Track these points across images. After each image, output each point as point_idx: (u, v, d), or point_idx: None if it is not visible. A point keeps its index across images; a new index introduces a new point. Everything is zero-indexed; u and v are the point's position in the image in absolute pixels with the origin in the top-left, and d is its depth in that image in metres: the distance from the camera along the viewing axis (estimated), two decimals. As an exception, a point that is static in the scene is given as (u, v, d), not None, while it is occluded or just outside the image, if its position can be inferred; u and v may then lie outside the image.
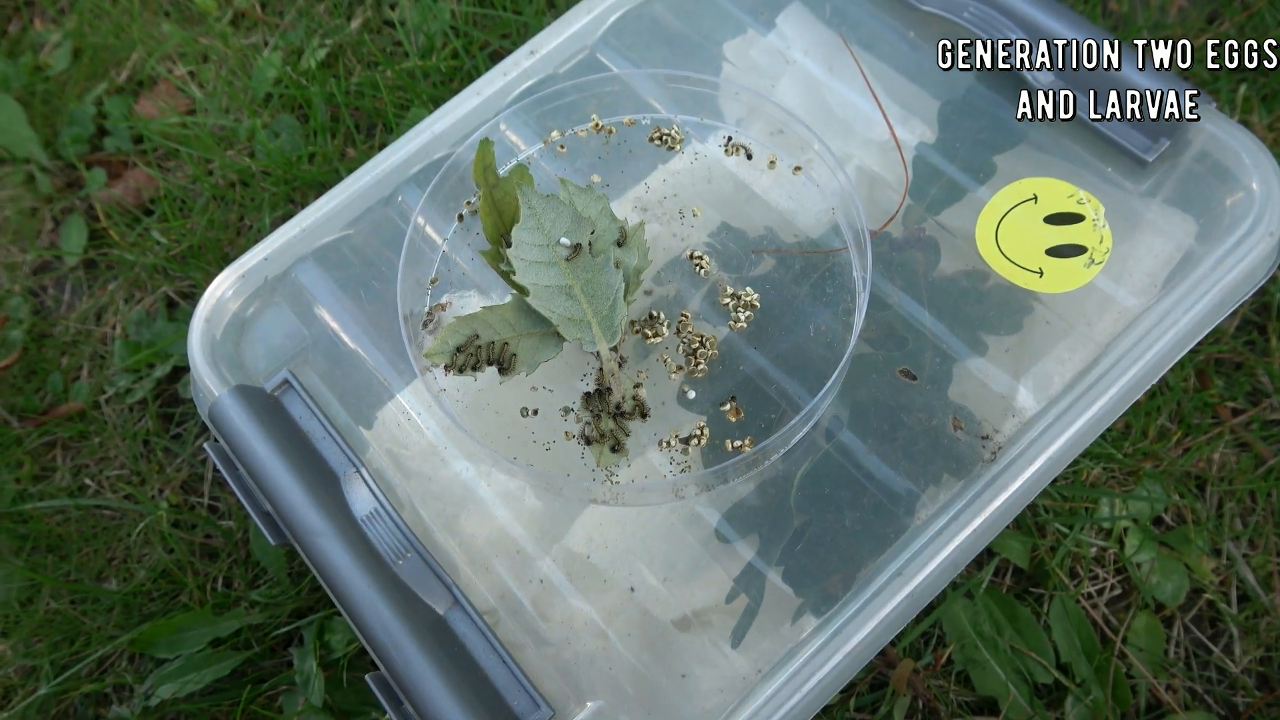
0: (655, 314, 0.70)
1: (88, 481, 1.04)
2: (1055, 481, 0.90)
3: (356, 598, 0.63)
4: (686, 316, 0.70)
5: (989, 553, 0.88)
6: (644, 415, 0.67)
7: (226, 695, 0.88)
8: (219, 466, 0.70)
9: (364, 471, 0.69)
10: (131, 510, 1.00)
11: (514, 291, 0.67)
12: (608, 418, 0.66)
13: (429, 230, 0.75)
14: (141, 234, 1.15)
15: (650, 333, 0.69)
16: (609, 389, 0.66)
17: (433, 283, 0.74)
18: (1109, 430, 0.92)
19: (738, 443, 0.66)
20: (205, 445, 0.70)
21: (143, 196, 1.19)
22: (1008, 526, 0.89)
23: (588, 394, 0.67)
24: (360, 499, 0.68)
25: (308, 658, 0.88)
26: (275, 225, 1.04)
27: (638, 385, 0.67)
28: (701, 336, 0.69)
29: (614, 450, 0.65)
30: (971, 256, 0.71)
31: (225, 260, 1.07)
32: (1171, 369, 0.94)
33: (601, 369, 0.67)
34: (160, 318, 1.11)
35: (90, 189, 1.20)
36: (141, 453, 1.04)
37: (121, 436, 1.05)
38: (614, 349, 0.66)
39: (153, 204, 1.18)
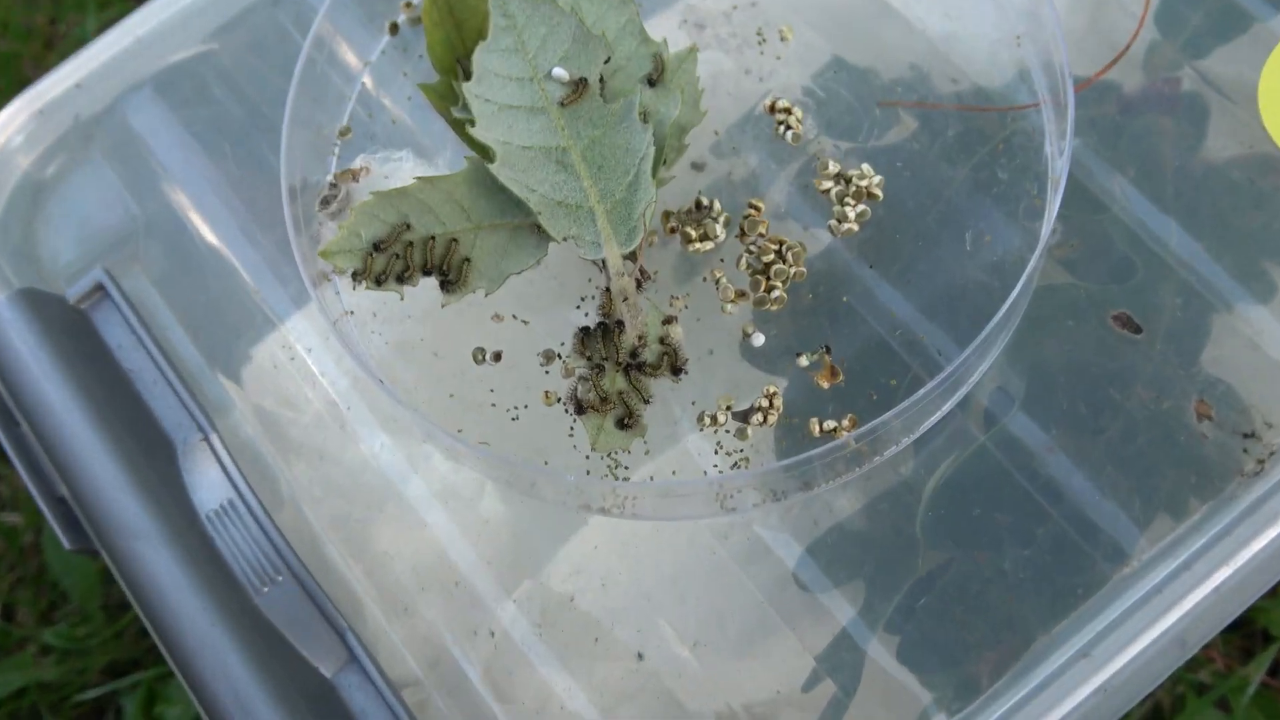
0: (706, 203, 0.70)
1: None
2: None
3: (191, 642, 0.64)
4: (758, 209, 0.70)
5: (1265, 637, 0.88)
6: (676, 370, 0.66)
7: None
8: (-14, 420, 0.72)
9: (214, 439, 0.70)
10: None
11: (471, 155, 0.67)
12: (615, 371, 0.66)
13: (341, 47, 0.75)
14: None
15: (696, 234, 0.69)
16: (620, 323, 0.66)
17: (342, 135, 0.74)
18: None
19: (830, 424, 0.65)
20: (-33, 385, 0.72)
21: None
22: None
23: (586, 330, 0.67)
24: (207, 482, 0.69)
25: (128, 741, 0.91)
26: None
27: (669, 320, 0.67)
28: (782, 244, 0.68)
29: (623, 426, 0.65)
30: (1253, 130, 0.70)
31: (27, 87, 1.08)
32: None
33: (609, 291, 0.67)
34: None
35: None
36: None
37: None
38: (632, 258, 0.66)
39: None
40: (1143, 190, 0.70)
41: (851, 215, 0.69)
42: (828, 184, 0.70)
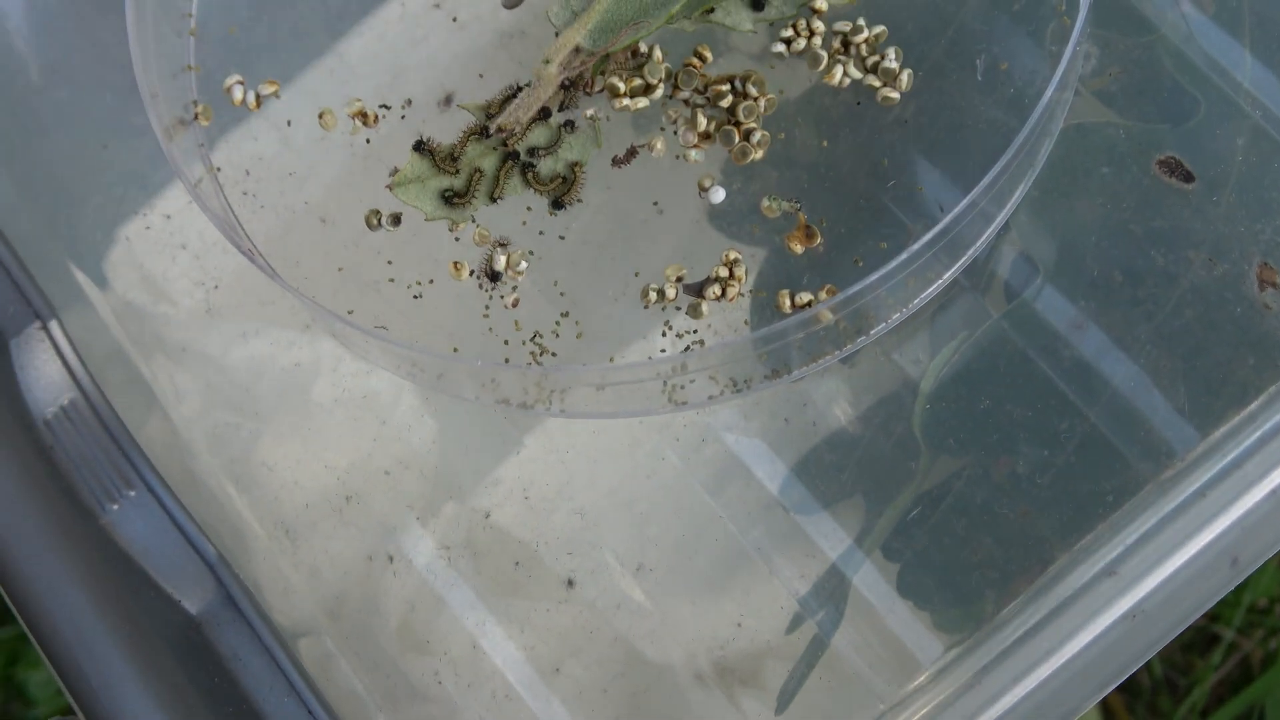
0: (644, 50, 0.70)
1: None
2: None
3: (25, 571, 0.65)
4: (703, 60, 0.70)
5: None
6: (558, 203, 0.68)
7: None
8: None
9: (54, 328, 0.71)
10: None
11: None
12: (488, 147, 0.67)
13: None
14: None
15: (626, 86, 0.69)
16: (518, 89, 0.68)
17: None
18: None
19: (805, 297, 0.66)
20: None
21: None
22: None
23: (517, 89, 0.68)
24: (44, 380, 0.70)
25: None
26: None
27: (620, 162, 0.68)
28: (733, 79, 0.68)
29: (448, 200, 0.67)
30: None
31: None
32: None
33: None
34: None
35: None
36: None
37: None
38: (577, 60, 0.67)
39: None
40: (1206, 8, 0.69)
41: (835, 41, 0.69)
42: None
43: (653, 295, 0.67)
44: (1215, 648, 1.01)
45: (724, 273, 0.67)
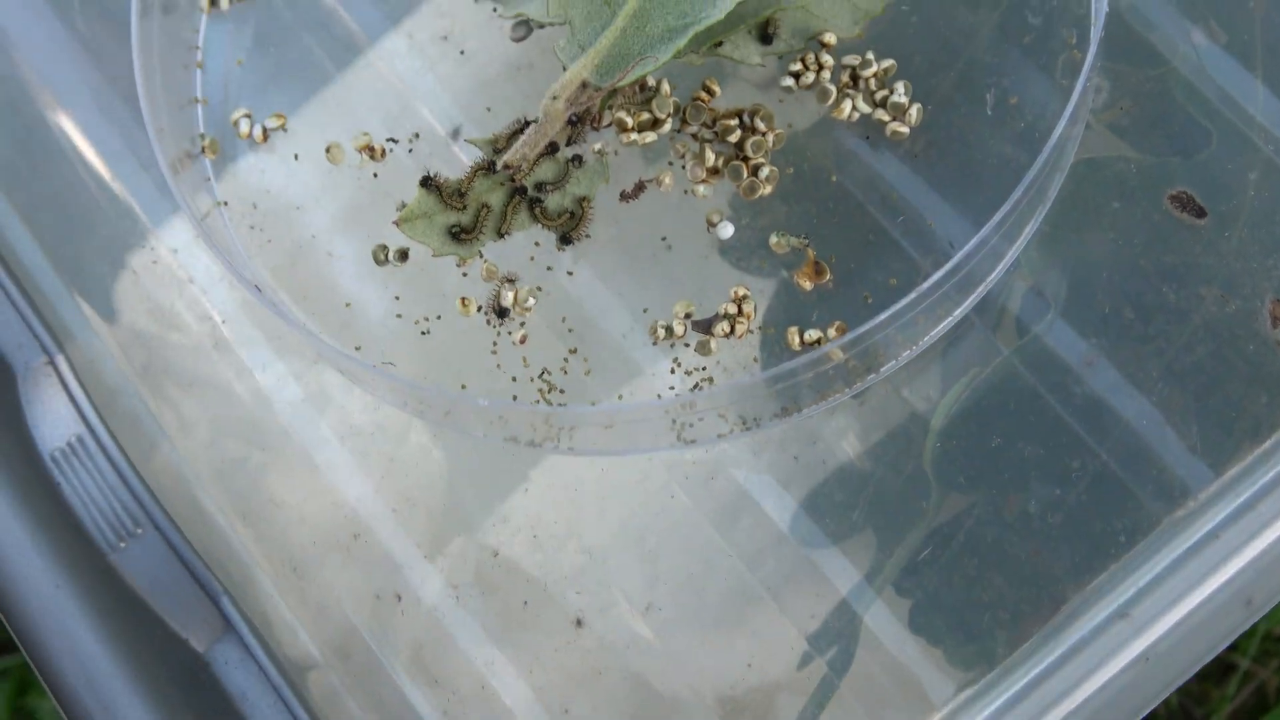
0: (653, 83, 0.70)
1: None
2: None
3: (32, 609, 0.65)
4: (711, 94, 0.69)
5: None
6: (567, 239, 0.67)
7: None
8: None
9: (61, 363, 0.71)
10: None
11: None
12: (496, 183, 0.66)
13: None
14: None
15: (634, 121, 0.69)
16: (527, 123, 0.67)
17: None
18: None
19: (814, 334, 0.65)
20: None
21: None
22: None
23: (526, 123, 0.68)
24: (52, 415, 0.70)
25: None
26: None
27: (628, 197, 0.68)
28: (740, 113, 0.68)
29: (455, 236, 0.66)
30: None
31: None
32: None
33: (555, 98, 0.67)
34: None
35: None
36: None
37: None
38: (587, 95, 0.67)
39: None
40: (1217, 40, 0.69)
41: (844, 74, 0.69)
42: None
43: (661, 332, 0.67)
44: (1231, 676, 1.01)
45: (733, 309, 0.66)
